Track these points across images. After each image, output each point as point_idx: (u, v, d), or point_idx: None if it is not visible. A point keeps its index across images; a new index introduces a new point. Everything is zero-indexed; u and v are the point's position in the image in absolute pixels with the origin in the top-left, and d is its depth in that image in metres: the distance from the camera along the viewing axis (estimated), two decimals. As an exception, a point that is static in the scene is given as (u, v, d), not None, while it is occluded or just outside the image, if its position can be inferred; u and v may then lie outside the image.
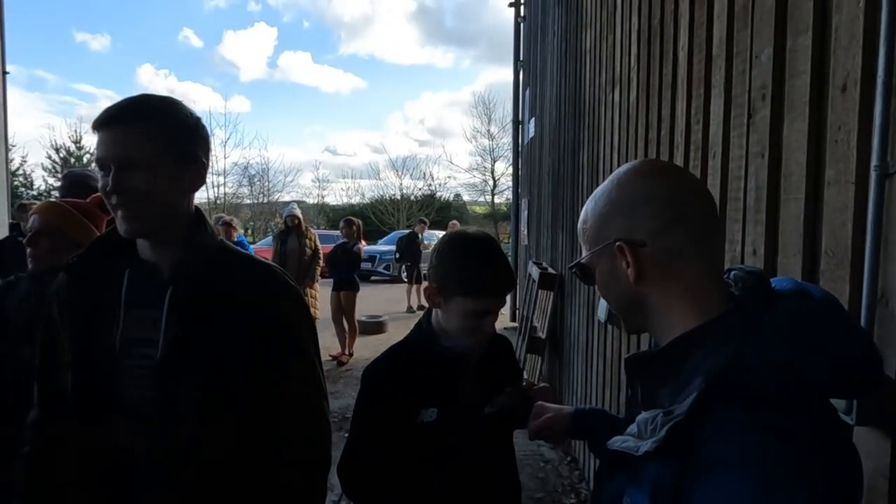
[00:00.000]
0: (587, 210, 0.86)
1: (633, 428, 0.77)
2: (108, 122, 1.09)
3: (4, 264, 3.55)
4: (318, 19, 74.47)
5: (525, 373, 5.69)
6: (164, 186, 1.11)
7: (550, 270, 5.61)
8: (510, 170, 11.35)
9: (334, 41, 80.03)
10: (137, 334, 1.14)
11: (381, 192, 32.00)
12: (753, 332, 0.71)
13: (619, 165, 3.24)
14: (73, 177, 3.42)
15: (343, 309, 7.24)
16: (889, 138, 1.11)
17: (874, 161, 1.12)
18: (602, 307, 3.29)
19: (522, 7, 9.47)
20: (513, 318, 9.52)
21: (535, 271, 6.00)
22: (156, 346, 1.12)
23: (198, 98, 64.54)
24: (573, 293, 4.60)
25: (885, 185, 1.10)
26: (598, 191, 0.86)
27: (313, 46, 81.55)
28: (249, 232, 26.87)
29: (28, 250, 1.93)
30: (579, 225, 0.89)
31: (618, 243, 0.79)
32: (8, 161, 4.74)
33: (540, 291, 5.69)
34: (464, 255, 1.24)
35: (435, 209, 28.53)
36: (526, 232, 8.46)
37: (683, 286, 0.78)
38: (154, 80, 63.70)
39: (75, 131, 28.91)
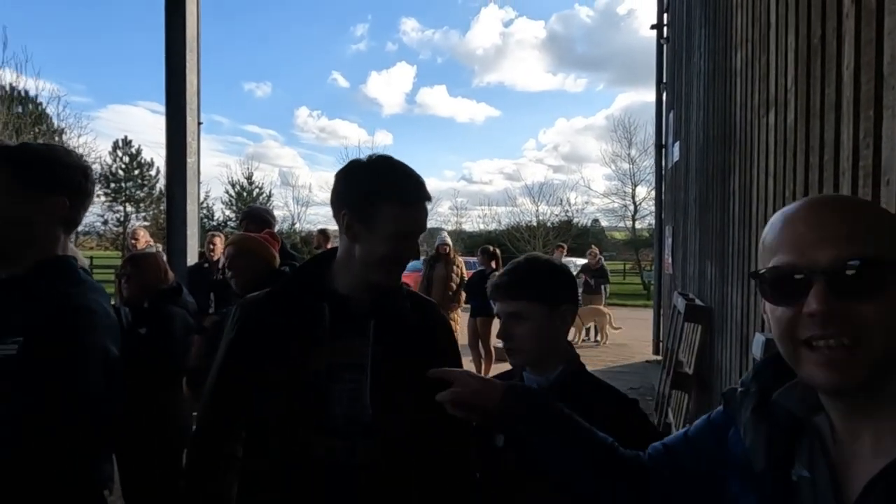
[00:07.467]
0: None
1: None
2: (423, 198, 1.30)
3: (192, 286, 4.16)
4: (452, 55, 78.03)
5: (670, 411, 5.38)
6: None
7: (698, 302, 5.29)
8: (652, 194, 10.89)
9: (467, 74, 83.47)
10: (344, 360, 1.26)
11: (518, 219, 32.21)
12: None
13: (775, 191, 3.03)
14: (253, 211, 4.04)
15: (480, 335, 7.38)
16: None
17: None
18: (757, 343, 3.04)
19: (665, 28, 9.17)
20: (656, 351, 9.03)
21: (680, 302, 5.69)
22: (363, 371, 1.24)
23: (346, 134, 70.53)
24: (724, 328, 4.30)
25: None
26: None
27: (448, 80, 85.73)
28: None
29: (229, 272, 2.37)
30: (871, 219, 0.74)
31: None
32: (199, 197, 5.55)
33: (686, 324, 5.38)
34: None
35: (572, 235, 28.00)
36: (671, 260, 8.05)
37: None
38: (308, 121, 70.60)
39: (247, 168, 32.98)
